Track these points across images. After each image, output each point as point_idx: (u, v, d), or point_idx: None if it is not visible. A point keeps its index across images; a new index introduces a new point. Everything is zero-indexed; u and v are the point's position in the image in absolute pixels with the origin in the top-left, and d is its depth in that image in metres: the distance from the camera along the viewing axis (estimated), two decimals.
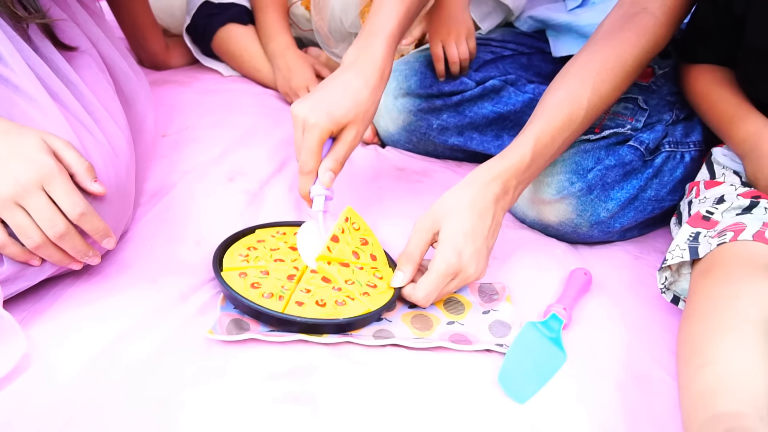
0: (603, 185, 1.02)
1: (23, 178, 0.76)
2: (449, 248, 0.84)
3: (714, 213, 0.88)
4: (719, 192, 0.93)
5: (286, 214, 1.07)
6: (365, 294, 0.87)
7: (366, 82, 0.92)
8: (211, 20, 1.38)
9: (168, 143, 1.17)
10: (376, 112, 1.22)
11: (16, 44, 0.91)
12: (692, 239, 0.85)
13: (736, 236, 0.80)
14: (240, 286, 0.86)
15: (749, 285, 0.74)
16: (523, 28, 1.37)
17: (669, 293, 0.89)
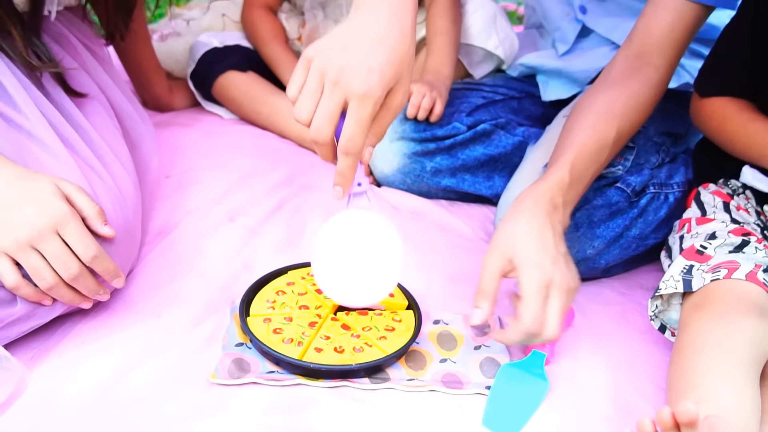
0: (589, 223, 1.07)
1: (39, 223, 0.80)
2: (529, 266, 0.83)
3: (707, 248, 0.92)
4: (711, 228, 0.98)
5: (284, 252, 1.11)
6: (382, 338, 0.91)
7: (401, 29, 0.79)
8: (212, 68, 1.43)
9: (172, 184, 1.22)
10: (372, 155, 1.27)
11: (29, 92, 0.96)
12: (686, 271, 0.89)
13: (730, 274, 0.84)
14: (262, 331, 0.90)
15: (741, 324, 0.79)
16: (514, 74, 1.43)
17: (657, 321, 0.93)
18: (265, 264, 1.06)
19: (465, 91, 1.35)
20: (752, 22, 0.98)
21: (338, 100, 0.76)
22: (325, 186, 1.28)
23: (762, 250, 0.91)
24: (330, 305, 0.96)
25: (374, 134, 0.82)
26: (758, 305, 0.81)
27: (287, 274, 1.03)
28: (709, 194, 1.05)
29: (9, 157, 0.88)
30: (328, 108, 0.76)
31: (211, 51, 1.45)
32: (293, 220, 1.18)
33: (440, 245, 1.15)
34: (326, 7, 1.44)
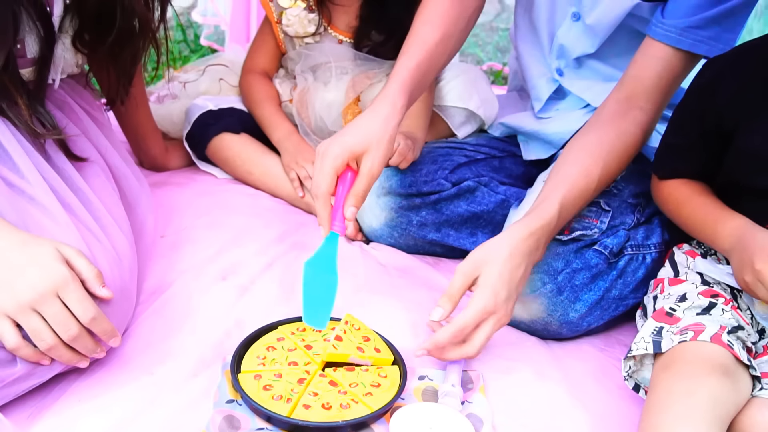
0: (572, 287, 1.12)
1: (40, 286, 0.84)
2: (488, 290, 0.97)
3: (677, 310, 0.97)
4: (682, 290, 1.02)
5: (276, 309, 1.14)
6: (368, 394, 0.94)
7: (377, 114, 1.06)
8: (207, 129, 1.49)
9: (166, 243, 1.26)
10: (359, 210, 1.32)
11: (32, 158, 1.01)
12: (656, 333, 0.93)
13: (696, 336, 0.89)
14: (253, 388, 0.94)
15: (704, 383, 0.84)
16: (496, 133, 1.49)
17: (631, 381, 0.97)
18: (257, 321, 1.09)
19: (448, 150, 1.40)
20: (698, 114, 1.05)
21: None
22: (314, 244, 1.32)
23: (729, 311, 0.96)
24: (318, 362, 1.00)
25: (353, 195, 1.02)
26: (722, 365, 0.85)
27: (277, 329, 1.06)
28: (683, 254, 1.10)
29: (12, 220, 0.92)
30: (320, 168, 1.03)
31: (206, 113, 1.51)
32: (284, 278, 1.22)
33: (426, 303, 1.19)
34: (316, 71, 1.50)
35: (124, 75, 1.24)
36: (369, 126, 1.05)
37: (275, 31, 1.52)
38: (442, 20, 1.19)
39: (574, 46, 1.28)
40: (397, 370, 1.00)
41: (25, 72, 1.06)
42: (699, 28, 1.09)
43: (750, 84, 0.98)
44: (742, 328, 0.94)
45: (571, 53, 1.30)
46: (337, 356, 0.99)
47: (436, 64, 1.19)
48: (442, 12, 1.19)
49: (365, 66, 1.49)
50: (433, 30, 1.18)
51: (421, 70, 1.15)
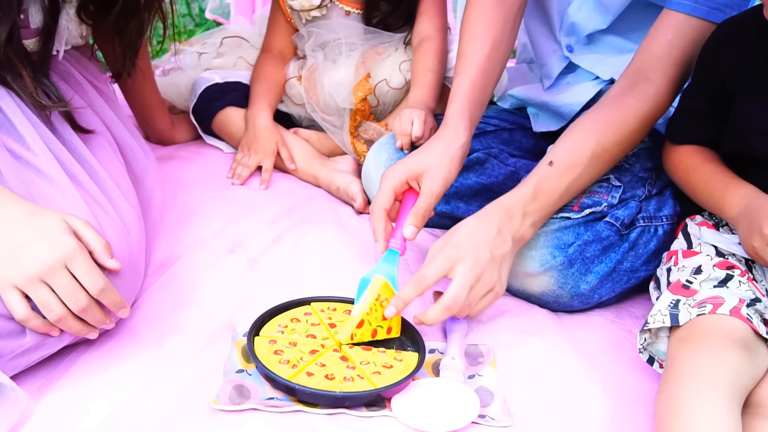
0: (583, 259, 1.10)
1: (49, 258, 0.84)
2: (451, 245, 1.01)
3: (693, 282, 0.96)
4: (696, 262, 1.01)
5: (284, 281, 1.14)
6: (376, 373, 0.93)
7: (440, 139, 1.11)
8: (212, 104, 1.48)
9: (174, 217, 1.25)
10: (369, 181, 1.32)
11: (38, 129, 1.00)
12: (673, 306, 0.92)
13: (715, 309, 0.88)
14: (264, 351, 0.94)
15: (725, 357, 0.83)
16: (505, 105, 1.47)
17: (645, 353, 0.96)
18: (265, 294, 1.09)
19: None
20: (706, 78, 1.04)
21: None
22: (322, 218, 1.32)
23: (746, 283, 0.95)
24: (337, 341, 0.99)
25: (413, 214, 1.07)
26: (742, 339, 0.85)
27: (309, 305, 1.06)
28: (696, 226, 1.09)
29: (19, 193, 0.91)
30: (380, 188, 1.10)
31: (211, 87, 1.49)
32: (292, 252, 1.21)
33: None
34: (325, 48, 1.48)
35: (130, 47, 1.23)
36: (431, 149, 1.10)
37: (283, 7, 1.49)
38: (488, 32, 1.19)
39: (586, 22, 1.27)
40: (415, 357, 0.98)
41: (28, 43, 1.05)
42: None
43: (748, 50, 0.97)
44: (759, 300, 0.93)
45: (582, 30, 1.28)
46: (359, 337, 0.99)
47: (491, 76, 1.20)
48: (486, 23, 1.19)
49: (375, 40, 1.47)
50: (482, 45, 1.18)
51: (477, 87, 1.16)
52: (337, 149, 1.49)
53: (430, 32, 1.43)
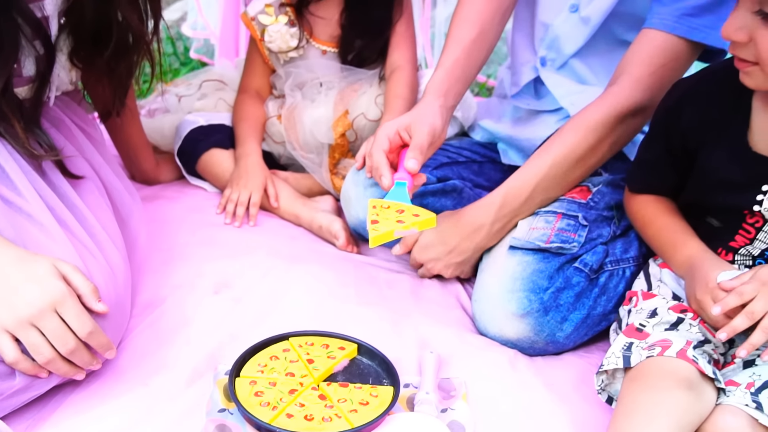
0: (557, 307, 1.15)
1: (38, 302, 0.87)
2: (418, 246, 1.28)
3: (646, 326, 1.02)
4: (653, 305, 1.07)
5: (268, 319, 1.17)
6: (353, 411, 0.97)
7: (422, 102, 1.22)
8: (197, 146, 1.53)
9: (159, 258, 1.29)
10: (349, 202, 1.37)
11: (29, 176, 1.04)
12: (626, 348, 0.98)
13: (663, 351, 0.94)
14: (245, 392, 0.97)
15: (670, 396, 0.89)
16: (477, 137, 1.53)
17: (604, 394, 1.01)
18: (249, 332, 1.12)
19: None
20: (665, 133, 1.10)
21: None
22: (305, 257, 1.36)
23: (696, 326, 1.00)
24: (315, 376, 1.03)
25: (413, 148, 1.16)
26: (687, 379, 0.90)
27: (287, 340, 1.09)
28: (657, 267, 1.14)
29: (10, 237, 0.95)
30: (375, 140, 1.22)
31: (196, 129, 1.54)
32: (276, 291, 1.25)
33: (412, 313, 1.22)
34: (303, 88, 1.54)
35: (120, 87, 1.27)
36: (416, 109, 1.21)
37: (261, 49, 1.55)
38: (479, 18, 1.28)
39: (567, 37, 1.35)
40: (390, 391, 1.01)
41: (20, 90, 1.09)
42: (693, 17, 1.15)
43: (710, 108, 1.03)
44: (708, 341, 0.99)
45: (562, 45, 1.36)
46: (382, 237, 1.03)
47: (475, 59, 1.29)
48: (478, 10, 1.28)
49: (351, 77, 1.53)
50: (470, 28, 1.28)
51: (459, 64, 1.25)
52: (313, 189, 1.54)
53: (401, 63, 1.51)
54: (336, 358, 1.06)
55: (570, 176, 1.24)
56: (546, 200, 1.26)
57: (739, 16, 0.89)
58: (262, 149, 1.55)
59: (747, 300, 0.92)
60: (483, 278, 1.22)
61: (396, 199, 1.10)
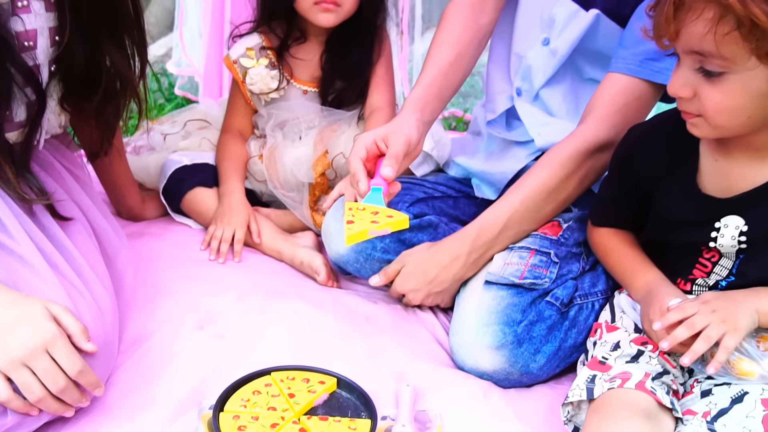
0: (530, 339, 1.21)
1: (30, 343, 0.92)
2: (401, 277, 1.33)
3: (608, 358, 1.08)
4: (616, 338, 1.12)
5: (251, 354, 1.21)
6: None
7: (399, 116, 1.27)
8: (182, 184, 1.58)
9: (145, 294, 1.33)
10: (329, 237, 1.42)
11: (20, 219, 1.09)
12: (590, 381, 1.03)
13: (623, 383, 0.99)
14: (228, 427, 1.02)
15: (629, 425, 0.95)
16: (452, 173, 1.60)
17: (571, 424, 1.06)
18: (232, 367, 1.16)
19: (409, 185, 1.50)
20: (621, 176, 1.17)
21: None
22: (287, 292, 1.40)
23: (655, 358, 1.06)
24: (296, 410, 1.07)
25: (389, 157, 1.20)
26: (645, 410, 0.96)
27: (269, 375, 1.14)
28: (623, 298, 1.20)
29: (3, 280, 1.00)
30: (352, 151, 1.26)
31: (181, 168, 1.59)
32: (258, 325, 1.29)
33: (390, 347, 1.27)
34: (284, 128, 1.60)
35: (108, 129, 1.32)
36: (392, 122, 1.26)
37: (243, 91, 1.61)
38: (457, 42, 1.35)
39: (539, 67, 1.42)
40: (368, 424, 1.05)
41: (11, 135, 1.14)
42: (655, 60, 1.23)
43: (662, 152, 1.10)
44: (667, 372, 1.04)
45: (534, 75, 1.43)
46: (357, 236, 1.08)
47: (451, 80, 1.35)
48: (456, 35, 1.36)
49: (331, 118, 1.59)
50: (448, 51, 1.35)
51: (436, 84, 1.32)
52: (294, 225, 1.60)
53: (380, 104, 1.58)
54: (316, 392, 1.10)
55: (542, 210, 1.30)
56: (520, 233, 1.31)
57: (682, 73, 0.96)
58: (245, 187, 1.60)
59: (688, 316, 0.99)
60: (460, 312, 1.27)
61: (372, 203, 1.15)
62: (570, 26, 1.37)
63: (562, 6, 1.38)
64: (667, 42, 0.96)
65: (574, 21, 1.36)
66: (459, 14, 1.38)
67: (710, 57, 0.91)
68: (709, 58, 0.91)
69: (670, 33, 0.94)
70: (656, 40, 0.97)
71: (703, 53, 0.91)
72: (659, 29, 0.95)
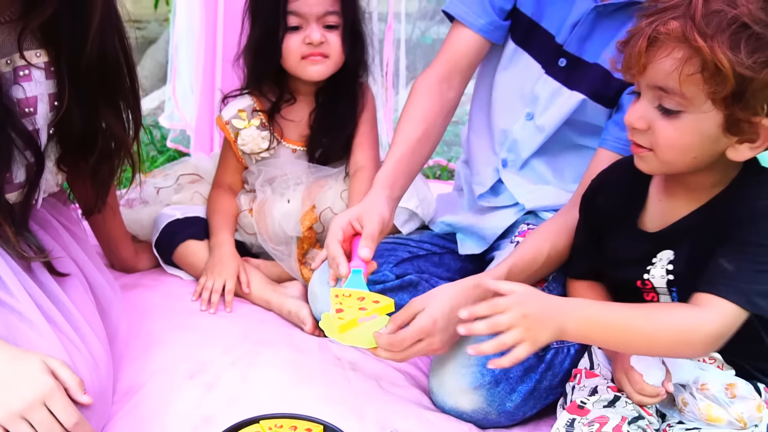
0: (507, 379, 1.26)
1: (29, 396, 0.97)
2: (428, 316, 1.16)
3: (587, 403, 1.13)
4: (594, 383, 1.18)
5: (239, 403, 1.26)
6: None
7: (370, 194, 1.31)
8: (174, 238, 1.64)
9: (138, 345, 1.37)
10: (315, 298, 1.47)
11: (19, 276, 1.15)
12: (569, 424, 1.09)
13: (601, 427, 1.05)
14: None
15: None
16: (437, 230, 1.66)
17: None
18: (222, 416, 1.20)
19: (394, 245, 1.56)
20: (586, 219, 1.23)
21: None
22: (275, 340, 1.45)
23: (630, 404, 1.11)
24: None
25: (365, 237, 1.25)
26: None
27: (258, 423, 1.18)
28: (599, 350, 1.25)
29: (2, 335, 1.05)
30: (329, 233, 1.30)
31: (173, 222, 1.65)
32: (248, 374, 1.33)
33: (374, 394, 1.32)
34: (273, 183, 1.66)
35: (102, 187, 1.38)
36: (364, 201, 1.31)
37: (234, 149, 1.68)
38: (424, 118, 1.41)
39: (526, 141, 1.48)
40: None
41: (10, 196, 1.20)
42: None
43: (617, 194, 1.16)
44: (642, 417, 1.09)
45: (521, 148, 1.49)
46: (348, 325, 1.13)
47: (419, 154, 1.41)
48: (424, 111, 1.42)
49: (318, 174, 1.66)
50: (416, 127, 1.40)
51: (405, 160, 1.37)
52: (283, 275, 1.65)
53: (364, 163, 1.64)
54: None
55: (539, 273, 1.32)
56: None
57: (641, 106, 1.02)
58: (236, 239, 1.66)
59: (498, 312, 0.99)
60: (440, 355, 1.32)
61: (354, 286, 1.21)
62: (555, 104, 1.43)
63: (544, 84, 1.44)
64: (632, 75, 1.02)
65: (559, 99, 1.43)
66: (426, 90, 1.44)
67: (671, 94, 0.97)
68: (670, 95, 0.97)
69: (639, 66, 0.99)
70: (623, 72, 1.03)
71: (666, 90, 0.98)
72: (629, 61, 1.01)
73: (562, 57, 1.42)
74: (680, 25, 0.94)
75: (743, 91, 0.93)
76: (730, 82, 0.92)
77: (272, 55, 1.57)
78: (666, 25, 0.95)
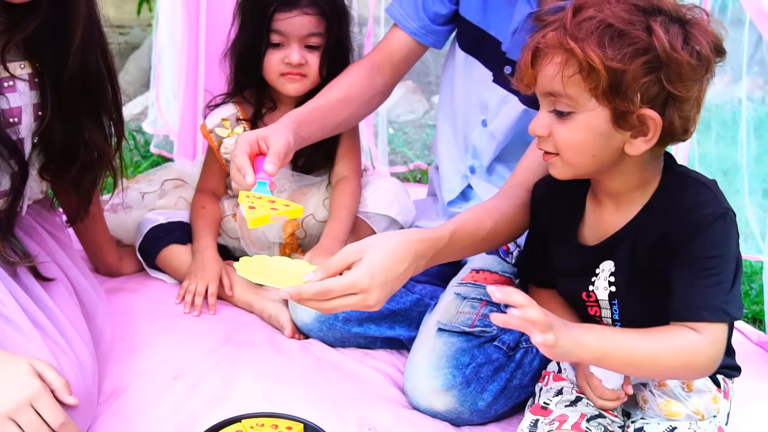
0: (478, 379, 1.30)
1: (17, 398, 1.00)
2: (365, 269, 1.05)
3: (549, 404, 1.17)
4: (560, 385, 1.22)
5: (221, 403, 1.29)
6: None
7: (278, 122, 1.36)
8: (157, 242, 1.67)
9: (122, 348, 1.41)
10: (295, 306, 1.51)
11: (5, 281, 1.18)
12: (533, 425, 1.14)
13: (560, 425, 1.10)
14: None
15: None
16: None
17: None
18: (204, 416, 1.24)
19: None
20: (534, 230, 1.27)
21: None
22: (257, 342, 1.49)
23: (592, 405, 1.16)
24: None
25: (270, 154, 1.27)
26: None
27: (240, 422, 1.21)
28: None
29: None
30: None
31: (156, 227, 1.68)
32: (230, 375, 1.37)
33: (354, 393, 1.36)
34: None
35: (85, 197, 1.41)
36: (270, 126, 1.35)
37: (218, 156, 1.71)
38: (348, 87, 1.49)
39: (484, 147, 1.53)
40: None
41: None
42: None
43: (560, 204, 1.19)
44: (603, 416, 1.14)
45: (482, 154, 1.53)
46: (260, 219, 1.14)
47: (335, 116, 1.46)
48: (350, 82, 1.50)
49: (301, 183, 1.70)
50: (338, 91, 1.48)
51: (320, 111, 1.43)
52: None
53: (346, 174, 1.68)
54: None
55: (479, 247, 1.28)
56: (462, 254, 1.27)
57: (541, 114, 1.07)
58: (219, 243, 1.69)
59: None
60: (413, 358, 1.36)
61: (261, 193, 1.23)
62: (503, 111, 1.47)
63: (493, 91, 1.49)
64: (527, 87, 1.07)
65: (506, 107, 1.47)
66: (357, 68, 1.53)
67: (560, 97, 1.03)
68: (559, 98, 1.03)
69: (529, 77, 1.06)
70: (520, 86, 1.09)
71: (554, 93, 1.03)
72: (520, 75, 1.08)
73: (507, 64, 1.46)
74: (556, 35, 1.01)
75: (619, 83, 0.98)
76: (604, 77, 0.97)
77: (254, 67, 1.61)
78: (545, 37, 1.02)
